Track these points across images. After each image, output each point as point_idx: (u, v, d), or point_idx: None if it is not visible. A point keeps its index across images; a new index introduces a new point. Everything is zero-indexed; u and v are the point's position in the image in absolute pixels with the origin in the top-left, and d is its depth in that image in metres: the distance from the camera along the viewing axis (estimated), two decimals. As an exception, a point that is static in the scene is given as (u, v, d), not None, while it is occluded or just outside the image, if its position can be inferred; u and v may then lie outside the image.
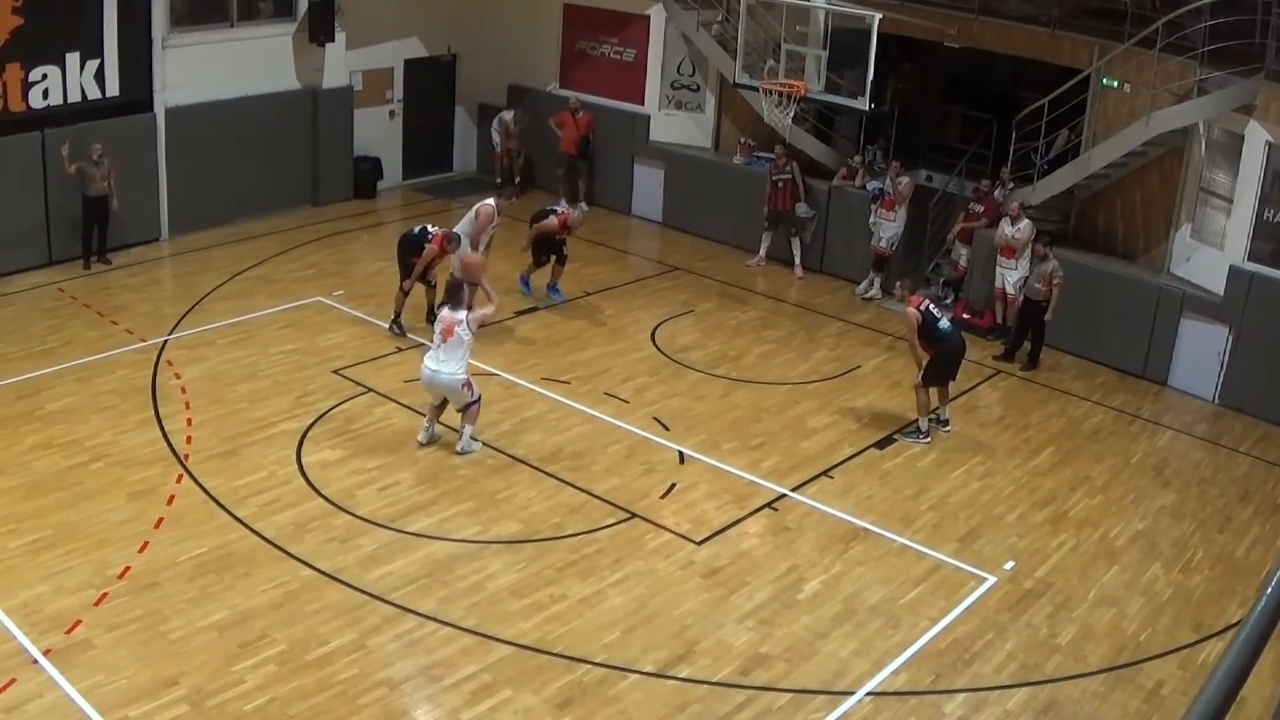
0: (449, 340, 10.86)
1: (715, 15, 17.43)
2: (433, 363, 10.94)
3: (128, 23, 15.12)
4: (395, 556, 9.43)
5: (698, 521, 10.33)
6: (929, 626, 9.08)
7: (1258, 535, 10.87)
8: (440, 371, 10.89)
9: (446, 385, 10.97)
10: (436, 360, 10.93)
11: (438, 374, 10.91)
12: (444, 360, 10.88)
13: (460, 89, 20.07)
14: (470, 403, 11.10)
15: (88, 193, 14.55)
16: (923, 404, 12.06)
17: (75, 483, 10.11)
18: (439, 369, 10.90)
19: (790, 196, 16.50)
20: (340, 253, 16.47)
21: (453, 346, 10.87)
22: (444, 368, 10.88)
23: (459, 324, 10.87)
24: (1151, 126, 13.58)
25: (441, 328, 10.96)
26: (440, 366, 10.89)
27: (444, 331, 10.91)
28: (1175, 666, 8.84)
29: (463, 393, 11.03)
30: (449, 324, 10.90)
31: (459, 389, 10.98)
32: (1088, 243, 15.04)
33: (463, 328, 10.87)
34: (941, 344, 11.95)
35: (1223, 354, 13.45)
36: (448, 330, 10.88)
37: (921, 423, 12.11)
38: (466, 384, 11.03)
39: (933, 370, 12.02)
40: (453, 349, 10.87)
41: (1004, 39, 15.41)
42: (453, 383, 10.93)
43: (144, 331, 13.29)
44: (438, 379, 10.94)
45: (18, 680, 7.61)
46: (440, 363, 10.89)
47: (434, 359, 10.96)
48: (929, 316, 11.88)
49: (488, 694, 7.95)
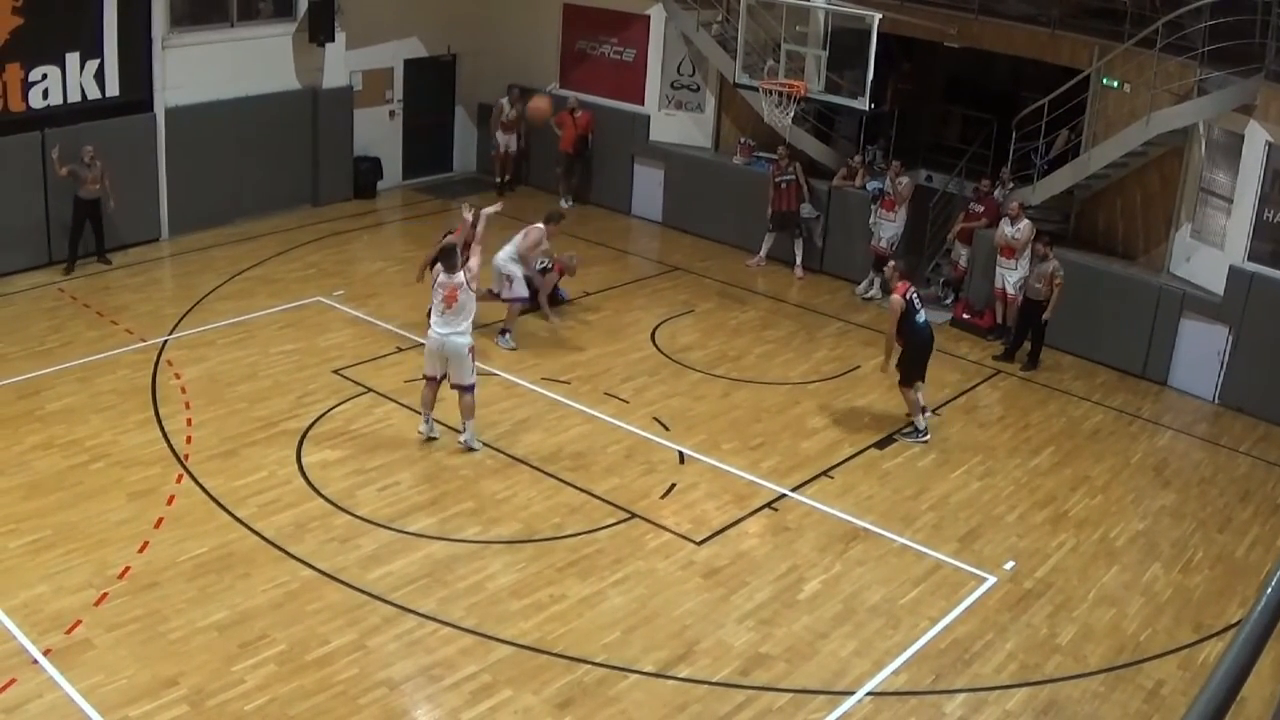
0: (453, 306, 10.70)
1: (715, 15, 17.43)
2: (441, 326, 10.75)
3: (128, 23, 15.13)
4: (395, 556, 9.43)
5: (698, 522, 10.33)
6: (929, 626, 9.08)
7: (1258, 535, 10.87)
8: (450, 334, 10.73)
9: (455, 349, 10.77)
10: (444, 324, 10.75)
11: (448, 337, 10.72)
12: (452, 321, 10.73)
13: (460, 89, 20.07)
14: (469, 385, 10.93)
15: (80, 195, 14.50)
16: (912, 402, 12.07)
17: (75, 483, 10.11)
18: (448, 331, 10.73)
19: (794, 197, 16.50)
20: (340, 253, 16.48)
21: (458, 310, 10.72)
22: (453, 329, 10.73)
23: (460, 288, 10.70)
24: (1151, 126, 13.58)
25: (444, 293, 10.72)
26: (449, 329, 10.73)
27: (447, 298, 10.71)
28: (1175, 666, 8.84)
29: (467, 360, 10.85)
30: (451, 289, 10.70)
31: (465, 354, 10.82)
32: (1088, 243, 15.04)
33: (465, 291, 10.71)
34: (914, 335, 11.95)
35: (1223, 354, 13.45)
36: (451, 296, 10.70)
37: (918, 421, 12.11)
38: (472, 351, 10.90)
39: (907, 366, 12.02)
40: (458, 313, 10.73)
41: (1004, 39, 15.41)
42: (462, 346, 10.77)
43: (144, 331, 13.29)
44: (449, 342, 10.74)
45: (18, 680, 7.61)
46: (449, 324, 10.73)
47: (441, 323, 10.76)
48: (910, 306, 11.88)
49: (488, 694, 7.95)
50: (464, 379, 10.91)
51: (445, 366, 10.94)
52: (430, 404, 11.15)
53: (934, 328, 12.43)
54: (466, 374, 10.89)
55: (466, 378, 10.90)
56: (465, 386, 10.94)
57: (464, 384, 10.94)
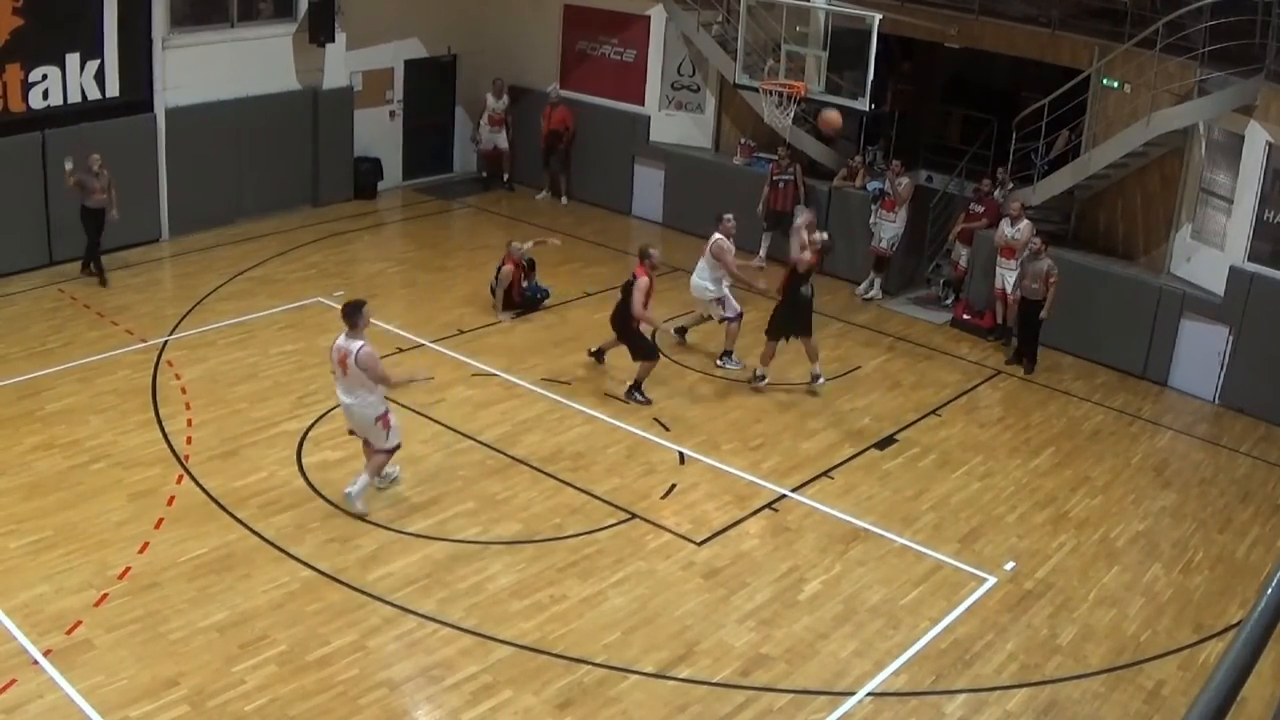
0: (347, 374, 9.44)
1: (715, 16, 17.43)
2: (342, 393, 9.65)
3: (128, 23, 15.13)
4: (395, 557, 9.42)
5: (698, 522, 10.33)
6: (929, 627, 9.08)
7: (1258, 536, 10.87)
8: (352, 404, 9.57)
9: (361, 419, 9.61)
10: (343, 390, 9.60)
11: (351, 406, 9.59)
12: (351, 390, 9.51)
13: (460, 89, 20.07)
14: (385, 449, 9.76)
15: (87, 204, 14.30)
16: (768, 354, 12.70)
17: (76, 483, 10.11)
18: (349, 400, 9.57)
19: (790, 198, 16.49)
20: (340, 253, 16.47)
21: (352, 381, 9.46)
22: (353, 398, 9.52)
23: (351, 356, 9.34)
24: (1152, 127, 13.57)
25: (337, 358, 9.50)
26: (349, 397, 9.56)
27: (339, 362, 9.48)
28: (1175, 667, 8.84)
29: (377, 429, 9.59)
30: (342, 354, 9.42)
31: (373, 424, 9.54)
32: (1088, 243, 15.04)
33: (354, 360, 9.32)
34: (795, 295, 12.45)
35: (1223, 354, 13.45)
36: (342, 362, 9.44)
37: (760, 369, 12.80)
38: (383, 420, 9.57)
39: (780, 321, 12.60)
40: (353, 383, 9.46)
41: (1004, 39, 15.40)
42: (364, 415, 9.51)
43: (144, 332, 13.29)
44: (353, 411, 9.62)
45: (18, 681, 7.61)
46: (348, 392, 9.56)
47: (341, 389, 9.64)
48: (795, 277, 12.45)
49: (488, 694, 7.95)
50: (379, 444, 9.81)
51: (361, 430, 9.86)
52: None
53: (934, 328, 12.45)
54: (380, 440, 9.76)
55: (381, 443, 9.78)
56: (378, 450, 9.87)
57: (378, 448, 9.86)
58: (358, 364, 9.31)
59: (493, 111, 18.99)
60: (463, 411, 11.97)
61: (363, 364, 9.30)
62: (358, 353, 9.32)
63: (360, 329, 9.48)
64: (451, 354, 13.33)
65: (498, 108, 18.97)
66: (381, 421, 9.64)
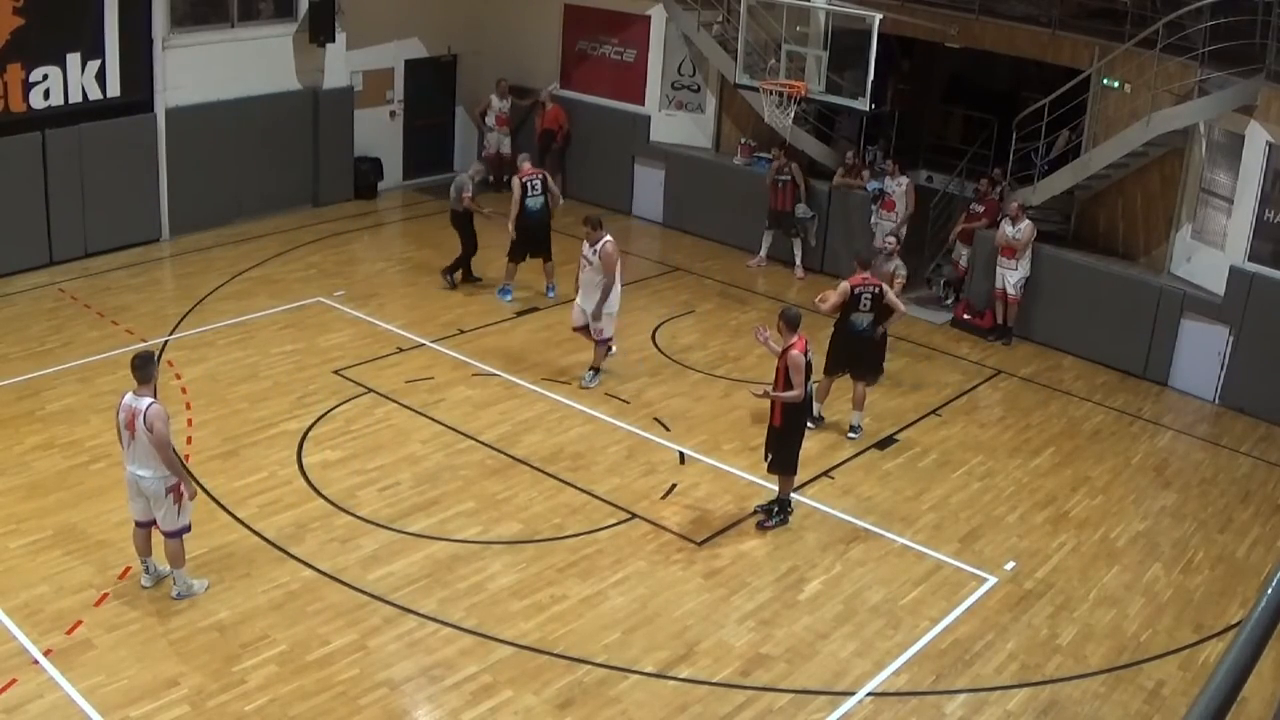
0: (135, 438, 8.09)
1: (716, 15, 17.43)
2: (129, 462, 8.27)
3: (128, 23, 15.13)
4: (396, 557, 9.43)
5: (698, 522, 10.33)
6: (930, 627, 9.08)
7: (1258, 536, 10.87)
8: (145, 476, 8.18)
9: (151, 490, 8.22)
10: (129, 458, 8.23)
11: (142, 479, 8.20)
12: (138, 458, 8.16)
13: (460, 89, 20.08)
14: (177, 530, 8.37)
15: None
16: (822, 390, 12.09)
17: (76, 483, 10.11)
18: (141, 473, 8.19)
19: (790, 197, 16.50)
20: (341, 253, 16.47)
21: (141, 448, 8.11)
22: (148, 470, 8.16)
23: (139, 416, 8.03)
24: (1152, 127, 13.57)
25: (124, 417, 8.15)
26: (142, 469, 8.18)
27: (126, 424, 8.14)
28: (1176, 667, 8.85)
29: (168, 504, 8.23)
30: (129, 414, 8.10)
31: (163, 497, 8.21)
32: (1088, 243, 15.04)
33: (142, 421, 8.01)
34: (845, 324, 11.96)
35: (1223, 354, 13.45)
36: (129, 423, 8.10)
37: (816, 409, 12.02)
38: (174, 491, 8.22)
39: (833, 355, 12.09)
40: (142, 450, 8.12)
41: (1004, 39, 15.41)
42: (156, 489, 8.19)
43: (145, 332, 13.29)
44: (141, 484, 8.22)
45: (18, 680, 7.62)
46: (134, 461, 8.19)
47: (127, 456, 8.26)
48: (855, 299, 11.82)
49: (488, 694, 7.95)
50: (168, 524, 8.36)
51: (149, 508, 8.37)
52: (144, 550, 8.64)
53: (934, 328, 12.44)
54: (170, 519, 8.33)
55: (170, 523, 8.35)
56: (169, 532, 8.41)
57: (168, 530, 8.41)
58: (144, 423, 8.02)
59: (499, 112, 18.99)
60: (463, 411, 11.98)
61: (149, 422, 7.99)
62: (146, 410, 8.02)
63: (150, 385, 8.22)
64: (452, 354, 13.33)
65: (503, 108, 18.97)
66: (173, 494, 8.23)
